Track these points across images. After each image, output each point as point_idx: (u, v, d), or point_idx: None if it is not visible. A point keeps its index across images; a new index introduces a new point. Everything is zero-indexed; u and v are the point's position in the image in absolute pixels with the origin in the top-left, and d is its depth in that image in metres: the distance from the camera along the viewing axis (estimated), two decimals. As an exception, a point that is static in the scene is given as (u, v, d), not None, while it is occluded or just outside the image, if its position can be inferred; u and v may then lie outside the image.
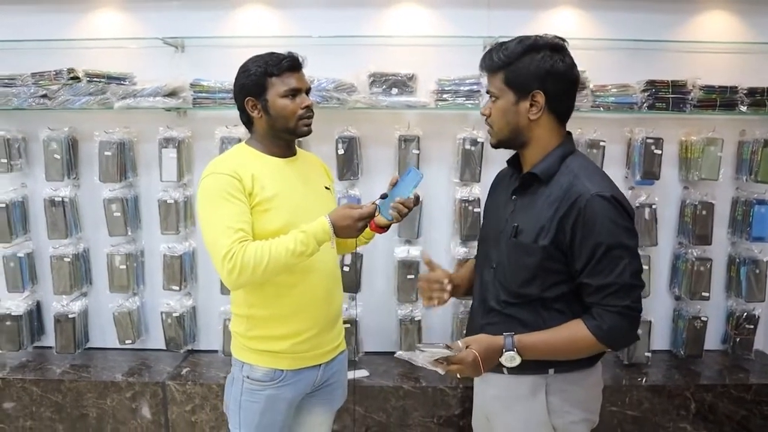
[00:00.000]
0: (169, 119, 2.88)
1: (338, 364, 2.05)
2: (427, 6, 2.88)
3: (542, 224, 1.55)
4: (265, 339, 1.89)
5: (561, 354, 1.57)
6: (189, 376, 2.81)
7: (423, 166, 2.85)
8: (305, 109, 1.86)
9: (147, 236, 3.02)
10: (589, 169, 1.59)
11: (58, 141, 2.81)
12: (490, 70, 1.61)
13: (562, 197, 1.53)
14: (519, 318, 1.61)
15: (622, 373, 2.83)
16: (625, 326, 1.51)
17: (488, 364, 1.55)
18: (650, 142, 2.74)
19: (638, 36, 2.75)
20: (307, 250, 1.73)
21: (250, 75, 1.84)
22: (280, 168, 1.89)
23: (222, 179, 1.77)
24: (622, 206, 1.52)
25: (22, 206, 2.94)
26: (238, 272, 1.68)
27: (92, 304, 3.07)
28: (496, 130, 1.64)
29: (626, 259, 1.48)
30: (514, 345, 1.54)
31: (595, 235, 1.48)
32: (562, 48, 1.58)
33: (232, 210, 1.75)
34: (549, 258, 1.55)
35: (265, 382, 1.89)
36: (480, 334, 1.61)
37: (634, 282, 1.50)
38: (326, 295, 1.95)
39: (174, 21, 2.87)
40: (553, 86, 1.55)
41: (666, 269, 2.99)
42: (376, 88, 2.71)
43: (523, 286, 1.60)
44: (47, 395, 2.78)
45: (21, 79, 2.70)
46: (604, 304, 1.50)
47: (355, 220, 1.76)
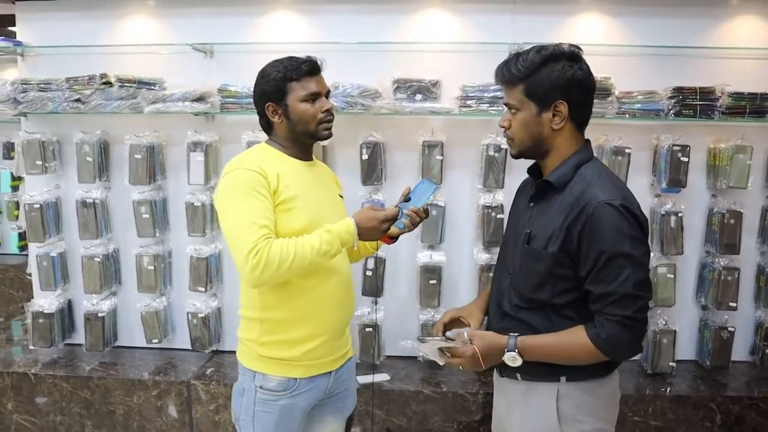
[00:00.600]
0: (197, 123, 2.94)
1: (347, 371, 2.03)
2: (452, 12, 2.89)
3: (552, 231, 1.55)
4: (278, 345, 1.85)
5: (561, 359, 1.57)
6: (213, 376, 2.86)
7: (447, 171, 2.87)
8: (325, 112, 1.86)
9: (174, 238, 3.08)
10: (603, 177, 1.57)
11: (91, 144, 2.89)
12: (509, 83, 1.60)
13: (572, 204, 1.53)
14: (531, 323, 1.62)
15: (646, 382, 2.79)
16: (624, 337, 1.49)
17: (489, 361, 1.58)
18: (677, 150, 2.71)
19: (665, 42, 2.72)
20: (332, 249, 1.72)
21: (270, 80, 1.84)
22: (301, 170, 1.89)
23: (248, 174, 1.75)
24: (632, 215, 1.50)
25: (56, 207, 3.04)
26: (262, 268, 1.64)
27: (121, 303, 3.14)
28: (518, 142, 1.64)
29: (629, 269, 1.47)
30: (516, 346, 1.56)
31: (600, 242, 1.48)
32: (579, 57, 1.58)
33: (257, 205, 1.72)
34: (558, 264, 1.55)
35: (279, 392, 1.85)
36: (488, 331, 1.66)
37: (636, 292, 1.48)
38: (342, 299, 1.93)
39: (203, 27, 2.94)
40: (575, 96, 1.55)
41: (692, 278, 2.95)
42: (400, 94, 2.73)
43: (534, 291, 1.61)
44: (77, 391, 2.85)
45: (56, 84, 2.78)
46: (605, 312, 1.50)
47: (380, 222, 1.76)
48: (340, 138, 2.85)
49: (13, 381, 2.88)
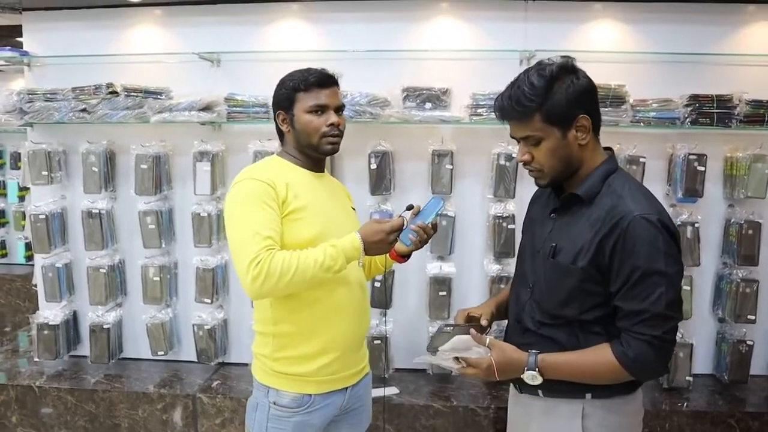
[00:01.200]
0: (203, 133, 2.91)
1: (363, 387, 1.99)
2: (462, 19, 2.84)
3: (582, 245, 1.49)
4: (292, 360, 1.82)
5: (584, 378, 1.51)
6: (219, 389, 2.81)
7: (456, 181, 2.82)
8: (330, 126, 1.82)
9: (181, 249, 3.04)
10: (633, 189, 1.51)
11: (96, 154, 2.86)
12: (522, 117, 1.50)
13: (604, 218, 1.47)
14: (555, 339, 1.56)
15: (662, 397, 2.72)
16: (652, 357, 1.43)
17: (504, 375, 1.53)
18: (693, 159, 2.64)
19: (681, 49, 2.67)
20: (335, 265, 1.68)
21: (282, 89, 1.85)
22: (311, 180, 1.87)
23: (256, 185, 1.74)
24: (668, 231, 1.44)
25: (61, 217, 3.01)
26: (262, 280, 1.60)
27: (126, 314, 3.10)
28: (548, 171, 1.54)
29: (663, 287, 1.40)
30: (536, 364, 1.49)
31: (634, 258, 1.42)
32: (574, 66, 1.51)
33: (263, 216, 1.69)
34: (587, 279, 1.49)
35: (293, 409, 1.81)
36: (510, 345, 1.57)
37: (668, 313, 1.41)
38: (355, 311, 1.88)
39: (210, 36, 2.91)
40: (590, 105, 1.51)
41: (709, 290, 2.88)
42: (409, 103, 2.69)
43: (560, 307, 1.54)
44: (81, 404, 2.81)
45: (62, 94, 2.77)
46: (634, 331, 1.43)
47: (387, 233, 1.71)
48: (348, 147, 2.77)
49: (18, 393, 2.85)
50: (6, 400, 2.85)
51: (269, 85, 1.86)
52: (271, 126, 2.74)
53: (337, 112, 1.86)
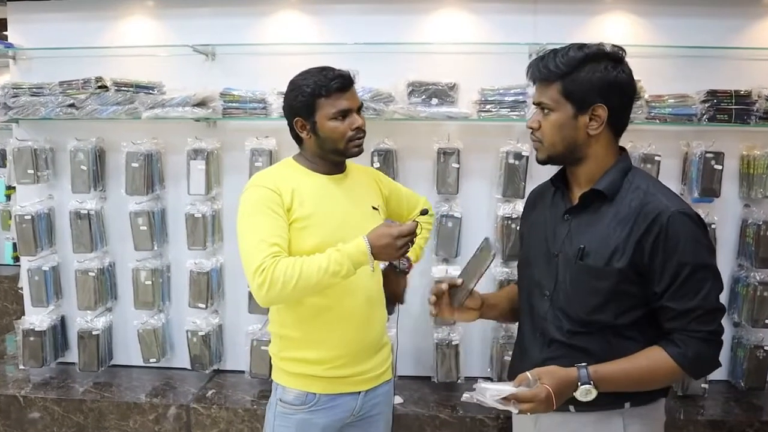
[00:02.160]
0: (198, 130, 2.78)
1: (382, 394, 1.92)
2: (470, 12, 2.73)
3: (616, 245, 1.41)
4: (297, 361, 1.81)
5: (640, 385, 1.43)
6: (214, 398, 2.68)
7: (463, 180, 2.70)
8: (355, 130, 1.78)
9: (174, 251, 2.91)
10: (658, 185, 1.48)
11: (85, 152, 2.73)
12: (545, 80, 1.47)
13: (636, 215, 1.41)
14: (586, 348, 1.46)
15: (677, 405, 2.61)
16: (710, 353, 1.41)
17: (561, 399, 1.39)
18: (709, 157, 2.54)
19: (698, 43, 2.56)
20: (342, 270, 1.62)
21: (299, 95, 1.77)
22: (324, 186, 1.82)
23: (261, 192, 1.73)
24: (703, 223, 1.43)
25: (48, 218, 2.86)
26: (267, 287, 1.60)
27: (117, 320, 2.97)
28: (547, 145, 1.50)
29: (710, 281, 1.38)
30: (590, 377, 1.38)
31: (679, 254, 1.37)
32: (622, 59, 1.47)
33: (268, 223, 1.69)
34: (625, 281, 1.42)
35: (296, 406, 1.81)
36: (551, 365, 1.44)
37: (719, 305, 1.40)
38: (364, 320, 1.84)
39: (205, 28, 2.78)
40: (615, 100, 1.44)
41: (724, 293, 2.71)
42: (415, 98, 2.57)
43: (593, 312, 1.45)
44: (69, 415, 2.68)
45: (49, 88, 2.63)
46: (689, 330, 1.38)
47: (394, 238, 1.63)
48: None
49: (1, 404, 2.71)
50: (-11, 410, 2.71)
51: (267, 79, 1.76)
52: (269, 122, 2.65)
53: (358, 112, 1.82)
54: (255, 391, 2.74)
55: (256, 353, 2.71)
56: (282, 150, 2.67)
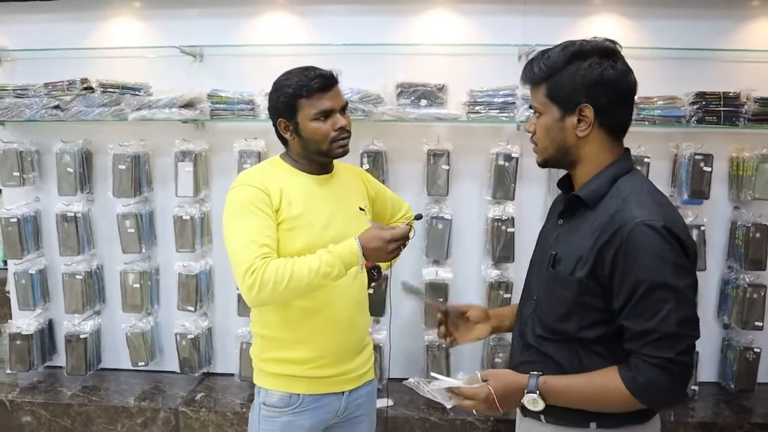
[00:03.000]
0: (185, 131, 2.76)
1: (365, 395, 1.91)
2: (459, 13, 2.71)
3: (581, 254, 1.35)
4: (279, 362, 1.79)
5: (591, 405, 1.36)
6: (203, 401, 2.67)
7: (453, 182, 2.69)
8: (339, 130, 1.74)
9: (162, 254, 2.89)
10: (642, 193, 1.35)
11: (71, 154, 2.70)
12: (532, 83, 1.42)
13: (606, 224, 1.32)
14: (555, 358, 1.41)
15: (667, 407, 2.62)
16: (665, 382, 1.26)
17: (507, 404, 1.37)
18: (699, 159, 2.54)
19: (686, 44, 2.56)
20: (333, 271, 1.61)
21: (281, 96, 1.74)
22: (311, 186, 1.79)
23: (249, 191, 1.70)
24: (676, 239, 1.27)
25: (35, 221, 2.84)
26: (257, 289, 1.58)
27: (105, 323, 2.95)
28: (541, 149, 1.45)
29: (671, 303, 1.23)
30: (537, 387, 1.35)
31: (636, 270, 1.26)
32: (613, 52, 1.37)
33: (257, 223, 1.66)
34: (586, 292, 1.34)
35: (280, 408, 1.79)
36: (506, 369, 1.46)
37: (681, 331, 1.24)
38: (348, 322, 1.83)
39: (193, 29, 2.76)
40: (603, 98, 1.34)
41: (714, 295, 2.78)
42: (404, 100, 2.55)
43: (559, 321, 1.40)
44: (56, 419, 2.66)
45: (34, 90, 2.60)
46: (643, 353, 1.27)
47: (386, 242, 1.62)
48: None
49: (-12, 408, 2.69)
50: (-24, 415, 2.69)
51: (255, 80, 1.73)
52: (257, 124, 2.63)
53: (341, 112, 1.78)
54: (244, 395, 2.72)
55: (245, 356, 2.69)
56: (271, 151, 2.64)
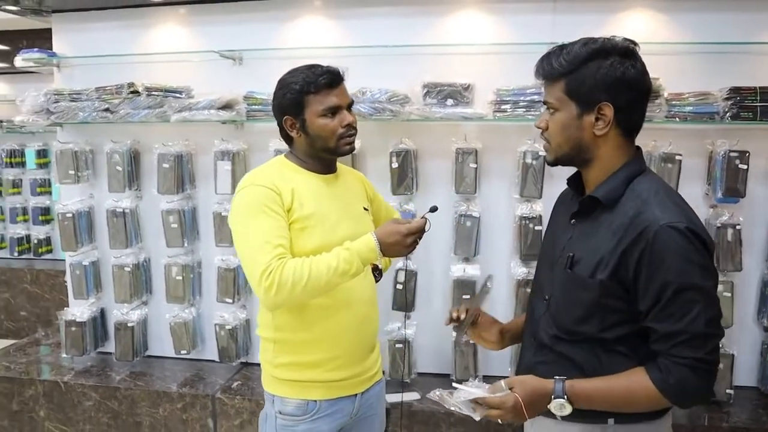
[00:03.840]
0: (225, 132, 2.89)
1: (375, 394, 1.93)
2: (489, 12, 2.73)
3: (601, 256, 1.35)
4: (293, 367, 1.77)
5: (618, 406, 1.37)
6: (239, 389, 2.79)
7: (482, 180, 2.72)
8: (346, 127, 1.76)
9: (204, 248, 3.04)
10: (661, 194, 1.36)
11: (120, 153, 2.89)
12: (549, 78, 1.41)
13: (627, 226, 1.33)
14: (573, 358, 1.42)
15: (700, 410, 2.55)
16: (695, 381, 1.29)
17: (533, 411, 1.37)
18: (734, 156, 2.47)
19: (720, 38, 2.49)
20: (351, 268, 1.62)
21: (287, 92, 1.75)
22: (320, 186, 1.80)
23: (260, 191, 1.69)
24: (699, 240, 1.30)
25: (88, 216, 3.05)
26: (275, 290, 1.56)
27: (151, 312, 3.13)
28: (554, 147, 1.45)
29: (700, 304, 1.27)
30: (564, 392, 1.35)
31: (664, 272, 1.28)
32: (633, 53, 1.38)
33: (270, 224, 1.65)
34: (608, 294, 1.35)
35: (298, 417, 1.77)
36: (528, 375, 1.44)
37: (709, 331, 1.28)
38: (361, 322, 1.84)
39: (233, 34, 2.89)
40: (623, 97, 1.35)
41: (753, 297, 2.68)
42: (430, 99, 2.60)
43: (578, 323, 1.41)
44: (105, 401, 2.85)
45: (86, 94, 2.80)
46: (672, 354, 1.29)
47: (404, 236, 1.65)
48: (370, 145, 2.78)
49: (45, 389, 2.90)
50: (34, 395, 2.91)
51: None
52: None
53: (348, 109, 1.79)
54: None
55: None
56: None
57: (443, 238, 2.77)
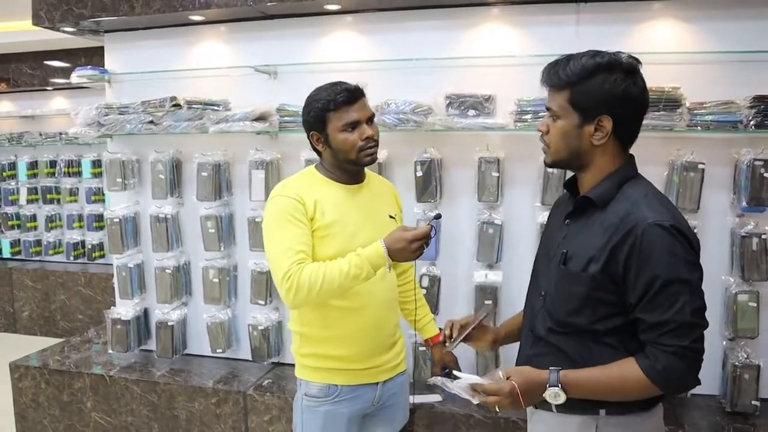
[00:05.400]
0: (260, 142, 3.05)
1: (398, 385, 2.08)
2: (513, 25, 2.80)
3: (593, 252, 1.45)
4: (316, 357, 1.96)
5: (610, 394, 1.45)
6: (269, 387, 2.92)
7: (505, 188, 2.79)
8: (366, 140, 1.88)
9: (240, 252, 3.20)
10: (650, 196, 1.47)
11: (163, 162, 3.08)
12: (554, 86, 1.50)
13: (617, 224, 1.42)
14: (565, 351, 1.52)
15: (724, 421, 2.53)
16: (682, 368, 1.38)
17: (529, 399, 1.46)
18: (759, 164, 2.45)
19: (744, 47, 2.48)
20: (362, 273, 1.75)
21: (311, 111, 1.92)
22: (343, 195, 1.95)
23: (286, 202, 1.86)
24: (683, 236, 1.39)
25: (134, 221, 3.25)
26: (294, 292, 1.74)
27: (190, 313, 3.30)
28: (553, 151, 1.55)
29: (686, 295, 1.36)
30: (559, 381, 1.43)
31: (652, 267, 1.37)
32: (636, 70, 1.47)
33: (293, 232, 1.82)
34: (598, 288, 1.44)
35: (321, 398, 1.95)
36: (525, 366, 1.54)
37: (694, 320, 1.37)
38: (376, 322, 1.98)
39: (269, 49, 3.04)
40: (622, 112, 1.45)
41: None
42: (452, 110, 2.68)
43: (570, 315, 1.50)
44: (145, 395, 3.03)
45: (133, 107, 3.00)
46: (660, 342, 1.38)
47: (409, 242, 1.75)
48: (396, 155, 2.89)
49: (92, 382, 3.11)
50: (82, 387, 3.12)
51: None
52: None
53: (368, 123, 1.92)
54: (307, 383, 2.95)
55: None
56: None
57: (467, 245, 2.85)
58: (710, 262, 2.58)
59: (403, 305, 2.22)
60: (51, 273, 5.54)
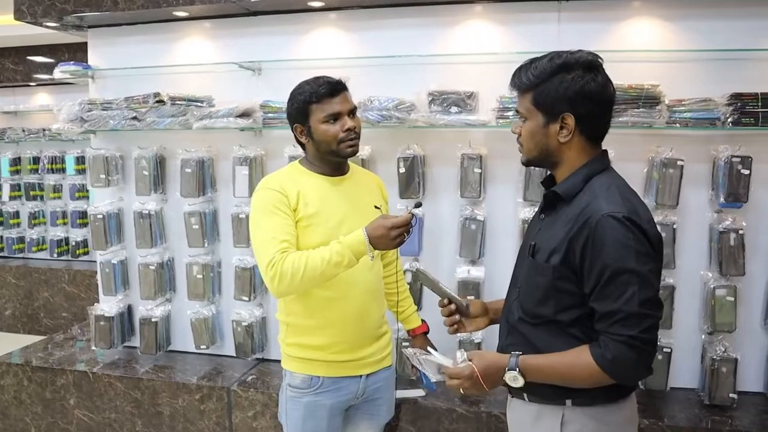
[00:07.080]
0: (244, 139, 3.05)
1: (383, 379, 2.10)
2: (495, 22, 2.83)
3: (555, 243, 1.50)
4: (301, 347, 1.99)
5: (565, 380, 1.49)
6: (254, 383, 2.93)
7: (488, 185, 2.82)
8: (347, 131, 1.93)
9: (224, 248, 3.20)
10: (612, 188, 1.50)
11: (147, 159, 3.07)
12: (520, 89, 1.57)
13: (576, 216, 1.48)
14: (533, 341, 1.57)
15: (702, 413, 2.56)
16: (631, 358, 1.40)
17: (490, 382, 1.51)
18: (736, 161, 2.49)
19: (723, 45, 2.52)
20: (343, 260, 1.79)
21: (294, 104, 1.97)
22: (326, 187, 1.99)
23: (270, 194, 1.92)
24: (638, 228, 1.42)
25: (117, 217, 3.24)
26: (278, 280, 1.78)
27: (174, 309, 3.30)
28: (526, 151, 1.62)
29: (634, 286, 1.39)
30: (517, 365, 1.49)
31: (603, 257, 1.41)
32: (596, 66, 1.52)
33: (277, 222, 1.87)
34: (560, 278, 1.50)
35: (303, 389, 1.99)
36: (491, 351, 1.61)
37: (643, 311, 1.39)
38: (361, 311, 2.00)
39: (253, 46, 3.05)
40: (584, 108, 1.50)
41: (759, 301, 2.68)
42: (435, 107, 2.70)
43: (537, 305, 1.56)
44: (129, 391, 3.02)
45: (116, 104, 2.99)
46: (610, 332, 1.41)
47: (388, 229, 1.78)
48: (379, 151, 2.90)
49: (75, 379, 3.10)
50: (65, 384, 3.11)
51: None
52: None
53: (350, 115, 1.96)
54: (291, 379, 2.96)
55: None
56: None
57: (449, 241, 2.87)
58: (689, 258, 2.66)
59: (388, 297, 2.25)
60: (34, 270, 5.49)
